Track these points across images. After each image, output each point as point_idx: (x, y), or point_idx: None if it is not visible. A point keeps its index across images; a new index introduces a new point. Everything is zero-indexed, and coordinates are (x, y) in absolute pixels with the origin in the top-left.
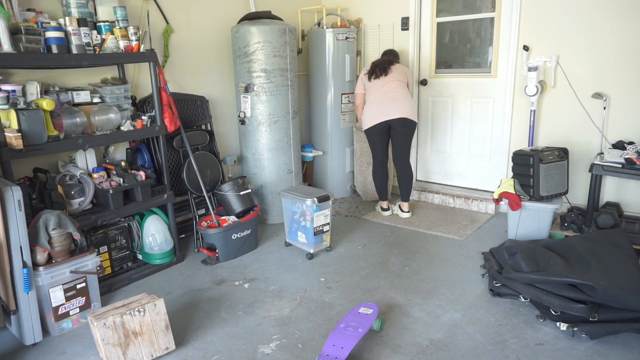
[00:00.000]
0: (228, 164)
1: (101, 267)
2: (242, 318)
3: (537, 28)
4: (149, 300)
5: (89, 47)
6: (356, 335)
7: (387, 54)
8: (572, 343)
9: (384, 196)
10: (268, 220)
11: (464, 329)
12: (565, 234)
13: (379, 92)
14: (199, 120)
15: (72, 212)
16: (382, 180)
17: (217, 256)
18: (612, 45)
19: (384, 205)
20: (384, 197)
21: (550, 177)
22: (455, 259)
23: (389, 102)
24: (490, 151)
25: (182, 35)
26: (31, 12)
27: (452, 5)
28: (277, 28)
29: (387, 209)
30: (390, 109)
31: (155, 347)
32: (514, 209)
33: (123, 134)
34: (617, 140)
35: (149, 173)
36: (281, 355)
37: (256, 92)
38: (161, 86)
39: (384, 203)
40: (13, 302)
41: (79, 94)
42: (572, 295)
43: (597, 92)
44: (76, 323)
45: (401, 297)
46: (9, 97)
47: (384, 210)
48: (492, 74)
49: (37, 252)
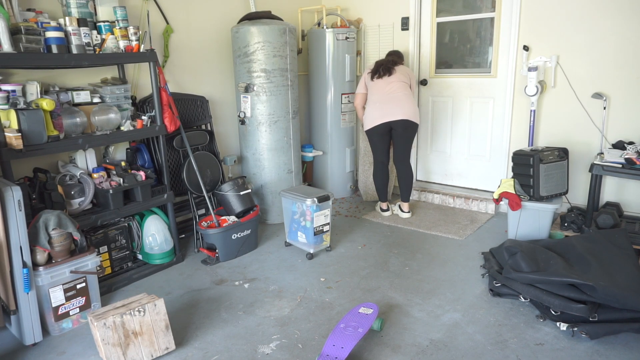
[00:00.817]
0: (228, 164)
1: (101, 267)
2: (242, 318)
3: (537, 28)
4: (149, 300)
5: (89, 47)
6: (356, 335)
7: (391, 54)
8: (572, 343)
9: (384, 197)
10: (268, 220)
11: (464, 329)
12: (565, 234)
13: (381, 93)
14: (199, 120)
15: (72, 212)
16: (383, 181)
17: (217, 256)
18: (612, 45)
19: (384, 206)
20: (384, 198)
21: (550, 177)
22: (455, 259)
23: (391, 103)
24: (490, 151)
25: (182, 35)
26: (31, 12)
27: (452, 5)
28: (277, 28)
29: (386, 210)
30: (392, 110)
31: (155, 347)
32: (514, 209)
33: (123, 134)
34: (617, 140)
35: (149, 173)
36: (281, 355)
37: (256, 92)
38: (161, 86)
39: (384, 204)
40: (13, 302)
41: (79, 94)
42: (572, 295)
43: (597, 92)
44: (76, 323)
45: (401, 297)
46: (9, 97)
47: (383, 210)
48: (492, 74)
49: (37, 252)
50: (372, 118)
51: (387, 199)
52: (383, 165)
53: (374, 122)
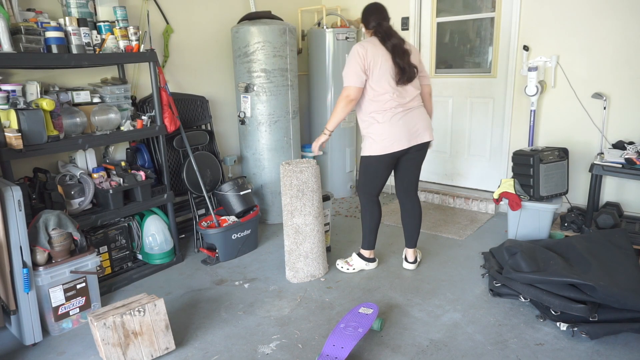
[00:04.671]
0: (228, 164)
1: (101, 267)
2: (242, 318)
3: (537, 28)
4: (149, 300)
5: (89, 47)
6: (356, 335)
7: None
8: (572, 343)
9: (373, 242)
10: (268, 220)
11: (464, 329)
12: (565, 234)
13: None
14: (199, 120)
15: (72, 212)
16: (376, 221)
17: (217, 256)
18: (612, 45)
19: (370, 255)
20: (373, 244)
21: (550, 177)
22: (455, 259)
23: (415, 118)
24: (490, 151)
25: (182, 35)
26: (31, 12)
27: (452, 5)
28: (277, 28)
29: (373, 260)
30: (417, 128)
31: (155, 347)
32: (514, 209)
33: (123, 134)
34: (617, 140)
35: (149, 173)
36: (281, 355)
37: (256, 92)
38: (161, 86)
39: (370, 252)
40: (13, 302)
41: (79, 94)
42: (572, 295)
43: (597, 92)
44: (76, 323)
45: (401, 297)
46: (9, 97)
47: (370, 260)
48: (492, 74)
49: (37, 252)
50: (392, 139)
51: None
52: (377, 200)
53: (394, 146)
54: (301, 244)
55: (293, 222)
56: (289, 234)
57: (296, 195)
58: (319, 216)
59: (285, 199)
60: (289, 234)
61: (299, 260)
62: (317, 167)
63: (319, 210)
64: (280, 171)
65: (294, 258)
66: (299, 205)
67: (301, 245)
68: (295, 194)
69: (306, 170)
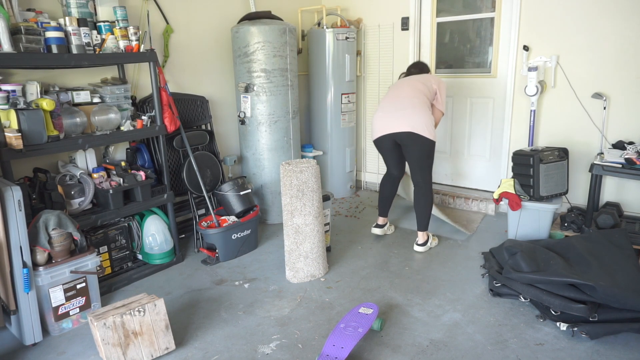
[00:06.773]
0: (228, 164)
1: (101, 267)
2: (242, 318)
3: (537, 28)
4: (149, 300)
5: (89, 47)
6: (356, 335)
7: (413, 67)
8: (572, 343)
9: (382, 211)
10: (268, 220)
11: (464, 329)
12: (565, 234)
13: (388, 98)
14: (199, 120)
15: (72, 212)
16: (384, 193)
17: (217, 256)
18: (612, 45)
19: (380, 221)
20: (382, 212)
21: (550, 177)
22: (455, 259)
23: (397, 112)
24: (490, 151)
25: (182, 35)
26: (31, 12)
27: (452, 5)
28: (277, 28)
29: (381, 226)
30: (395, 120)
31: (155, 347)
32: (514, 209)
33: (123, 134)
34: (617, 140)
35: (149, 173)
36: (281, 355)
37: (256, 92)
38: (161, 86)
39: (380, 219)
40: (13, 302)
41: (79, 94)
42: (572, 295)
43: (597, 92)
44: (76, 323)
45: (401, 297)
46: (9, 97)
47: (377, 226)
48: (492, 74)
49: (37, 252)
50: (374, 129)
51: (386, 214)
52: (392, 177)
53: (375, 134)
54: (301, 244)
55: (293, 222)
56: (289, 234)
57: (296, 195)
58: (319, 216)
59: (285, 199)
60: (289, 234)
61: (299, 260)
62: (317, 167)
63: (319, 210)
64: (280, 171)
65: (294, 258)
66: (299, 205)
67: (301, 245)
68: (295, 194)
69: (306, 170)
